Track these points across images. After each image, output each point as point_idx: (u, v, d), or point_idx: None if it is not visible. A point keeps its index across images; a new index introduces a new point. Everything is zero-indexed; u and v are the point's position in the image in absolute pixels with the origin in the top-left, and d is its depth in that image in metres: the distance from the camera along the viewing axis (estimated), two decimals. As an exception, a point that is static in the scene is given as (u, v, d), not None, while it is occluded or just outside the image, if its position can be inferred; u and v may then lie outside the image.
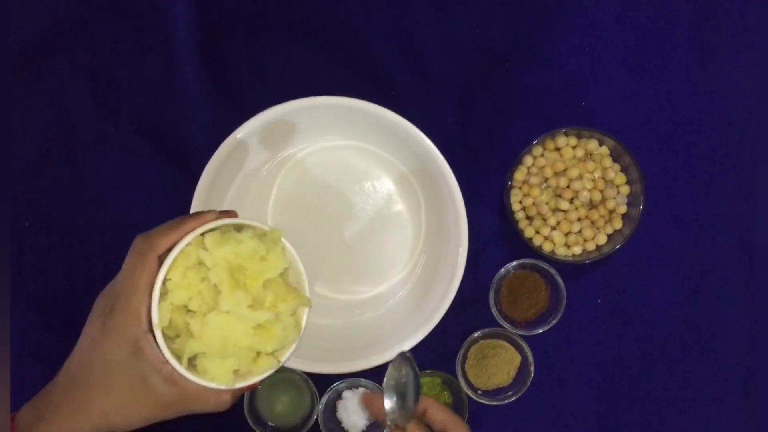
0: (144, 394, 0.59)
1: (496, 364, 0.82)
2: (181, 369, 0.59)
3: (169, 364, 0.59)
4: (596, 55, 0.85)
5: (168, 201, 0.83)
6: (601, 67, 0.85)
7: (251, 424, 0.80)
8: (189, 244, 0.60)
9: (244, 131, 0.74)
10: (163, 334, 0.59)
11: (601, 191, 0.81)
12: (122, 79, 0.85)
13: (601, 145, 0.82)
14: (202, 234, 0.61)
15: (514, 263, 0.82)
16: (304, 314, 0.65)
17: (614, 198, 0.81)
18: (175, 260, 0.59)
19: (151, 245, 0.59)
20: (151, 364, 0.58)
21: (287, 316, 0.63)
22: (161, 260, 0.59)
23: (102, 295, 0.61)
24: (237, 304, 0.59)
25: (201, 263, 0.60)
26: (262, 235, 0.63)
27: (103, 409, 0.58)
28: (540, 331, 0.81)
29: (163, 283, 0.59)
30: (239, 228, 0.63)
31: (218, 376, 0.60)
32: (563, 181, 0.81)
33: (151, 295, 0.58)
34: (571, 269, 0.83)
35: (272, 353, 0.62)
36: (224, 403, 0.62)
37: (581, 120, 0.84)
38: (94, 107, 0.85)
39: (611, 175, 0.81)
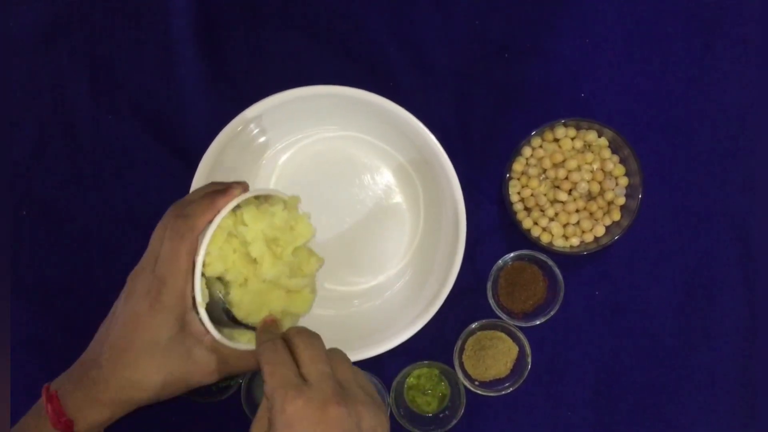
0: (191, 365, 0.63)
1: (493, 356, 0.82)
2: (224, 339, 0.63)
3: (210, 335, 0.63)
4: (595, 46, 0.85)
5: (166, 190, 0.83)
6: (600, 58, 0.85)
7: (248, 414, 0.80)
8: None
9: (242, 120, 0.73)
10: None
11: (600, 182, 0.81)
12: (121, 68, 0.85)
13: (600, 136, 0.82)
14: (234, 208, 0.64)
15: (511, 255, 0.82)
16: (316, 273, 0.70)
17: (613, 189, 0.81)
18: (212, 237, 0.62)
19: (190, 227, 0.62)
20: (195, 337, 0.63)
21: (311, 278, 0.69)
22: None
23: (137, 278, 0.63)
24: (279, 274, 0.65)
25: (231, 235, 0.64)
26: (284, 203, 0.67)
27: (155, 383, 0.62)
28: (537, 322, 0.81)
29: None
30: (258, 197, 0.67)
31: (252, 340, 0.65)
32: (562, 173, 0.81)
33: (194, 274, 0.62)
34: (569, 261, 0.83)
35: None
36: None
37: (580, 111, 0.84)
38: (92, 96, 0.85)
39: (610, 166, 0.81)
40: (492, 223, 0.84)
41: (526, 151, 0.81)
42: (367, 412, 0.56)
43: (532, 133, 0.81)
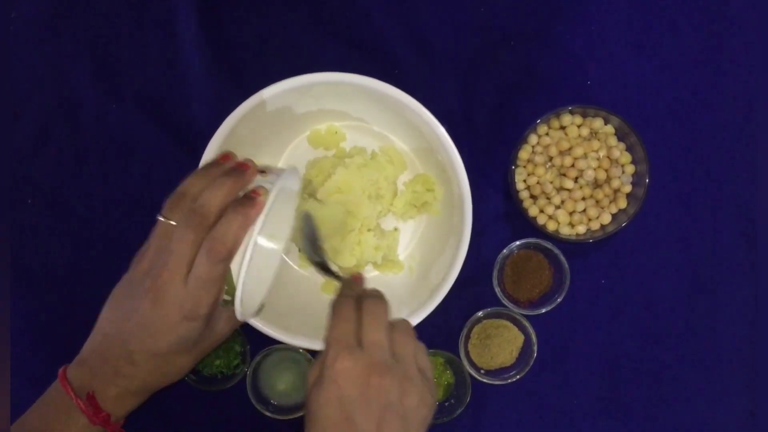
0: (215, 339, 0.68)
1: (499, 344, 0.82)
2: (250, 318, 0.70)
3: (226, 309, 0.66)
4: (602, 34, 0.84)
5: (170, 178, 0.82)
6: (606, 46, 0.84)
7: (254, 402, 0.80)
8: None
9: (247, 108, 0.73)
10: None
11: (606, 170, 0.80)
12: (124, 56, 0.85)
13: (606, 123, 0.81)
14: None
15: (517, 243, 0.81)
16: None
17: (619, 177, 0.80)
18: None
19: (229, 251, 0.62)
20: (217, 318, 0.67)
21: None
22: None
23: (168, 286, 0.62)
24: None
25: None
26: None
27: (188, 369, 0.68)
28: (543, 310, 0.81)
29: None
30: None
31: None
32: (568, 160, 0.80)
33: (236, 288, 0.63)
34: (575, 249, 0.82)
35: None
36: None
37: (586, 98, 0.84)
38: (95, 84, 0.85)
39: (616, 154, 0.80)
40: (498, 211, 0.84)
41: (532, 138, 0.81)
42: (413, 389, 0.58)
43: (538, 121, 0.80)
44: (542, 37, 0.85)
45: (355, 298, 0.62)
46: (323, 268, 0.70)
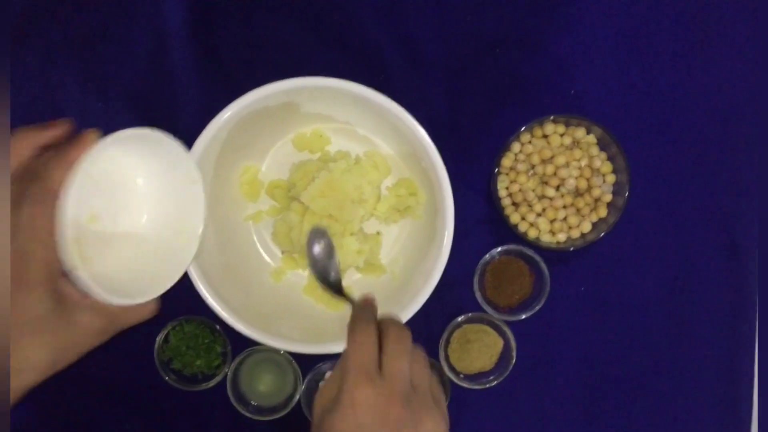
0: (77, 333, 0.60)
1: (478, 349, 0.82)
2: (111, 297, 0.60)
3: (90, 296, 0.59)
4: (587, 44, 0.85)
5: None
6: (591, 56, 0.85)
7: (234, 402, 0.80)
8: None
9: (233, 110, 0.73)
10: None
11: (588, 179, 0.81)
12: (111, 55, 0.85)
13: (588, 133, 0.82)
14: None
15: (498, 249, 0.82)
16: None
17: (600, 186, 0.81)
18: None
19: (50, 192, 0.57)
20: (75, 302, 0.60)
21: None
22: None
23: None
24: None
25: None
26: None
27: (44, 362, 0.59)
28: (523, 317, 0.82)
29: None
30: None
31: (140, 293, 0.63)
32: (550, 169, 0.81)
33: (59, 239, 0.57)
34: (555, 256, 0.83)
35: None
36: (152, 311, 0.66)
37: (570, 108, 0.85)
38: (81, 82, 0.84)
39: (598, 163, 0.81)
40: (480, 218, 0.84)
41: (515, 146, 0.82)
42: (430, 418, 0.57)
43: (522, 129, 0.81)
44: (528, 46, 0.85)
45: (374, 322, 0.60)
46: (334, 288, 0.69)
